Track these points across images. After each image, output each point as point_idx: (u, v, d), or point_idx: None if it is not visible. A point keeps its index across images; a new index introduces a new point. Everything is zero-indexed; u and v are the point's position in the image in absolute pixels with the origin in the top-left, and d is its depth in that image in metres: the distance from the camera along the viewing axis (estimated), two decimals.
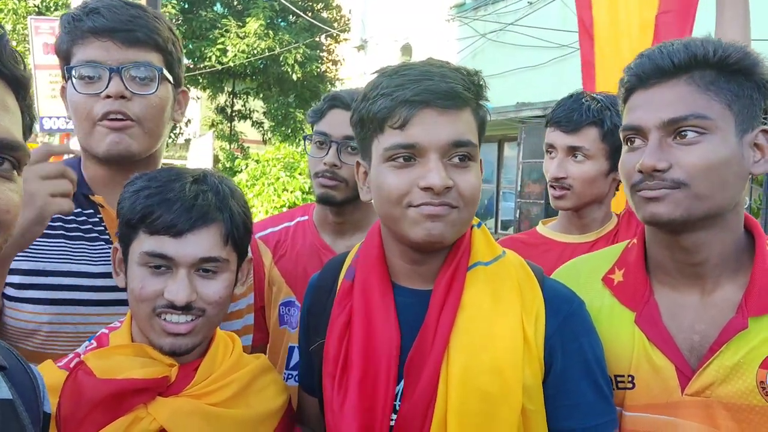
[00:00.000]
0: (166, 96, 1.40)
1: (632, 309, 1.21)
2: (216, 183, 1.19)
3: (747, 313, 1.10)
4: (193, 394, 1.12)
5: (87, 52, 1.32)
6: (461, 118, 1.07)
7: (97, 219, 1.41)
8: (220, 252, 1.15)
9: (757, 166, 1.12)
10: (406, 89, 1.05)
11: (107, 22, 1.31)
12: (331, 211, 1.78)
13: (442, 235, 1.07)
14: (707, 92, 1.08)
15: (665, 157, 1.08)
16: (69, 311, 1.32)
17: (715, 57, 1.08)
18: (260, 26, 13.55)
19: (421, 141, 1.05)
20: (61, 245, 1.36)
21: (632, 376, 1.17)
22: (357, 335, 1.13)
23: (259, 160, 11.63)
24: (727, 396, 1.09)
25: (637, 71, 1.14)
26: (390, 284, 1.16)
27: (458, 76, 1.08)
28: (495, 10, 10.03)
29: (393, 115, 1.06)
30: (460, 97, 1.06)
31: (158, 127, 1.40)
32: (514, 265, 1.16)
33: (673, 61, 1.09)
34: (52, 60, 8.12)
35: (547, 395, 1.09)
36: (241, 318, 1.61)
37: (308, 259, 1.79)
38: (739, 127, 1.09)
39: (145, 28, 1.35)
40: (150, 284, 1.12)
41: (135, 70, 1.33)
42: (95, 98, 1.32)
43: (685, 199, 1.08)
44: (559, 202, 1.82)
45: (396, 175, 1.07)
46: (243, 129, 16.86)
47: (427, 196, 1.05)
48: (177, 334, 1.11)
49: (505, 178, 11.12)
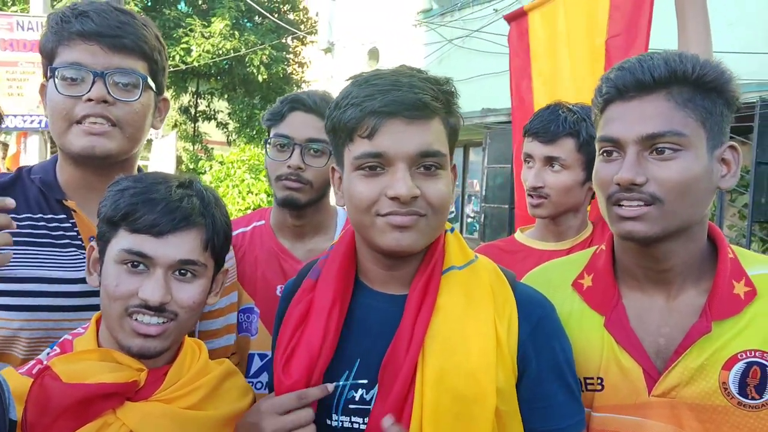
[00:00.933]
0: (148, 103, 1.40)
1: (601, 313, 1.23)
2: (201, 189, 1.20)
3: (710, 317, 1.14)
4: (163, 399, 1.11)
5: (72, 54, 1.32)
6: (430, 128, 1.08)
7: (69, 224, 1.38)
8: (199, 256, 1.15)
9: (725, 181, 1.15)
10: (374, 99, 1.06)
11: (96, 26, 1.31)
12: (291, 214, 1.77)
13: (411, 245, 1.08)
14: (684, 109, 1.10)
15: (642, 172, 1.11)
16: (40, 317, 1.30)
17: (694, 74, 1.10)
18: (226, 26, 13.39)
19: (388, 150, 1.06)
20: (30, 251, 1.34)
21: (601, 378, 1.20)
22: (311, 328, 1.13)
23: (224, 162, 11.51)
24: (691, 397, 1.13)
25: (616, 83, 1.14)
26: (350, 288, 1.17)
27: (427, 86, 1.08)
28: (461, 16, 10.14)
29: (362, 124, 1.07)
30: (427, 107, 1.07)
31: (138, 132, 1.39)
32: (487, 269, 1.18)
33: (653, 75, 1.10)
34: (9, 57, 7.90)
35: (522, 398, 1.11)
36: (223, 316, 1.60)
37: (267, 264, 1.77)
38: (710, 144, 1.12)
39: (133, 35, 1.35)
40: (125, 283, 1.11)
41: (119, 76, 1.33)
42: (76, 100, 1.31)
43: (660, 216, 1.11)
44: (536, 210, 1.85)
45: (365, 184, 1.08)
46: (207, 130, 16.62)
47: (395, 205, 1.06)
48: (147, 336, 1.10)
49: (470, 183, 11.24)
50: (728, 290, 1.15)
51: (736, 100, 1.15)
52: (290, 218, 1.78)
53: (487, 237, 9.29)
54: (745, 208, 6.78)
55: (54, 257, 1.34)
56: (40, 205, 1.39)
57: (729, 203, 7.05)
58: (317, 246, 1.77)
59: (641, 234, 1.12)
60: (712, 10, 1.87)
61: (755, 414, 1.11)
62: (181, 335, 1.19)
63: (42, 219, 1.37)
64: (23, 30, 7.93)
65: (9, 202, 1.11)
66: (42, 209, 1.38)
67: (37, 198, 1.39)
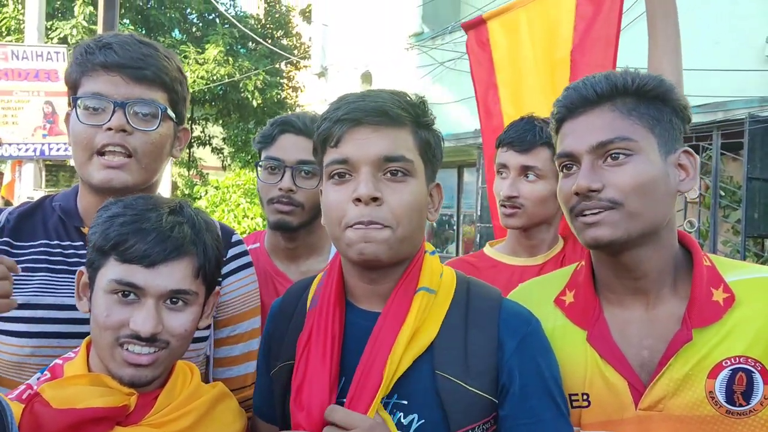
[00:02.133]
0: (166, 133, 1.42)
1: (583, 328, 1.24)
2: (192, 215, 1.19)
3: (691, 325, 1.15)
4: (153, 423, 1.11)
5: (95, 84, 1.35)
6: (395, 136, 1.12)
7: (85, 251, 1.37)
8: (191, 285, 1.14)
9: (684, 184, 1.20)
10: (339, 110, 1.12)
11: (118, 57, 1.34)
12: (284, 236, 1.77)
13: (376, 255, 1.09)
14: (630, 117, 1.17)
15: (598, 178, 1.15)
16: (51, 344, 1.31)
17: (634, 85, 1.18)
18: (219, 53, 13.52)
19: (352, 155, 1.10)
20: (45, 278, 1.35)
21: (587, 394, 1.20)
22: (312, 358, 1.14)
23: (219, 187, 11.51)
24: (678, 408, 1.13)
25: (565, 103, 1.22)
26: (342, 313, 1.18)
27: (393, 97, 1.13)
28: (452, 39, 10.24)
29: (330, 135, 1.12)
30: (389, 114, 1.10)
31: (155, 162, 1.41)
32: (448, 295, 1.18)
33: (596, 90, 1.18)
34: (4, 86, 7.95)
35: (506, 415, 1.11)
36: (243, 342, 1.57)
37: (262, 286, 1.75)
38: (662, 149, 1.17)
39: (154, 66, 1.37)
40: (115, 313, 1.10)
41: (139, 106, 1.35)
42: (97, 129, 1.34)
43: (621, 219, 1.14)
44: (509, 220, 1.82)
45: (335, 192, 1.12)
46: (202, 155, 16.66)
47: (358, 210, 1.08)
48: (138, 365, 1.09)
49: (465, 203, 11.26)
50: (707, 297, 1.16)
51: (683, 108, 1.21)
52: (283, 241, 1.78)
53: None
54: (738, 223, 6.81)
55: (67, 284, 1.35)
56: (59, 232, 1.42)
57: (722, 219, 7.08)
58: (311, 267, 1.77)
59: (606, 238, 1.15)
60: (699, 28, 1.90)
61: (744, 421, 1.11)
62: (173, 362, 1.18)
63: (59, 246, 1.40)
64: (18, 59, 7.99)
65: (14, 268, 1.15)
66: (60, 236, 1.41)
67: (56, 225, 1.42)
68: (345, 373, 1.13)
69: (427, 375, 1.10)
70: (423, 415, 1.09)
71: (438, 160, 1.21)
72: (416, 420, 1.09)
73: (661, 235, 1.19)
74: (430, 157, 1.18)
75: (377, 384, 1.07)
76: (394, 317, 1.12)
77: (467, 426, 1.09)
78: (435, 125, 1.20)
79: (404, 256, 1.15)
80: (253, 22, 16.06)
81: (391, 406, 1.10)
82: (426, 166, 1.17)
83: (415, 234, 1.14)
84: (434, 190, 1.21)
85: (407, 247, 1.14)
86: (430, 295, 1.14)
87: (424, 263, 1.18)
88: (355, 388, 1.09)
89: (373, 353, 1.10)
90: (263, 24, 16.40)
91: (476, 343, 1.12)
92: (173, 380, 1.18)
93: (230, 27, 14.38)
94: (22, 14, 10.87)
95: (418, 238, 1.17)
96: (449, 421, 1.08)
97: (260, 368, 1.34)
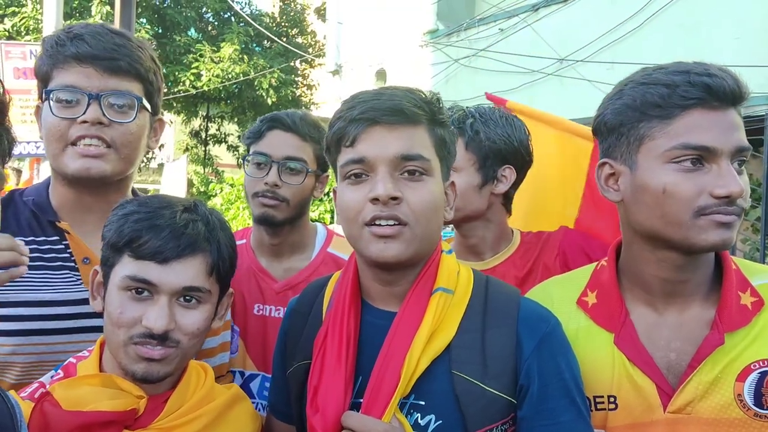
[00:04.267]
0: (143, 124, 1.40)
1: (609, 330, 1.21)
2: (206, 213, 1.19)
3: (723, 329, 1.13)
4: (162, 427, 1.10)
5: (67, 76, 1.32)
6: (412, 134, 1.10)
7: (62, 246, 1.37)
8: (204, 282, 1.14)
9: None
10: (354, 110, 1.10)
11: (90, 49, 1.31)
12: (268, 231, 1.77)
13: (396, 255, 1.08)
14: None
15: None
16: (32, 341, 1.29)
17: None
18: (234, 51, 13.57)
19: (368, 155, 1.08)
20: (24, 276, 1.31)
21: (614, 397, 1.18)
22: (328, 359, 1.13)
23: (234, 184, 11.56)
24: (707, 411, 1.11)
25: (699, 93, 1.10)
26: (358, 313, 1.16)
27: (408, 96, 1.11)
28: (467, 36, 10.19)
29: (345, 134, 1.11)
30: (404, 113, 1.09)
31: (133, 153, 1.39)
32: (466, 293, 1.16)
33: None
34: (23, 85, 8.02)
35: (525, 416, 1.09)
36: (218, 335, 1.59)
37: (245, 283, 1.77)
38: None
39: (128, 57, 1.35)
40: (129, 310, 1.10)
41: (114, 97, 1.33)
42: (71, 122, 1.31)
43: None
44: None
45: (351, 192, 1.11)
46: (218, 153, 16.78)
47: (377, 209, 1.07)
48: (151, 360, 1.09)
49: None
50: (736, 301, 1.14)
51: None
52: (267, 236, 1.78)
53: None
54: (758, 221, 6.70)
55: (46, 280, 1.33)
56: (32, 227, 1.37)
57: None
58: (294, 265, 1.78)
59: (729, 243, 1.09)
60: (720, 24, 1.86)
61: None
62: (185, 360, 1.17)
63: (34, 242, 1.36)
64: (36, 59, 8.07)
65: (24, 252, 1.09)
66: (34, 231, 1.37)
67: (29, 220, 1.38)
68: (361, 372, 1.12)
69: (444, 375, 1.09)
70: (440, 416, 1.08)
71: (453, 157, 1.19)
72: (434, 421, 1.08)
73: None
74: (446, 155, 1.16)
75: (394, 385, 1.06)
76: (410, 317, 1.10)
77: (485, 427, 1.07)
78: (449, 122, 1.18)
79: (422, 256, 1.13)
80: (268, 20, 16.11)
81: (408, 406, 1.09)
82: (442, 164, 1.15)
83: (433, 233, 1.13)
84: (449, 188, 1.19)
85: (425, 247, 1.12)
86: (448, 296, 1.12)
87: (441, 263, 1.16)
88: (371, 389, 1.07)
89: (390, 354, 1.08)
90: (278, 22, 16.45)
91: (494, 343, 1.11)
92: (185, 381, 1.17)
93: (245, 25, 14.43)
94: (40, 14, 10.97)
95: (435, 238, 1.15)
96: (467, 422, 1.07)
97: (275, 366, 1.33)
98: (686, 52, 1.87)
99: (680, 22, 7.25)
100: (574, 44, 8.26)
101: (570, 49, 8.36)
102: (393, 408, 1.05)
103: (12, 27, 12.61)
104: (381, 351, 1.09)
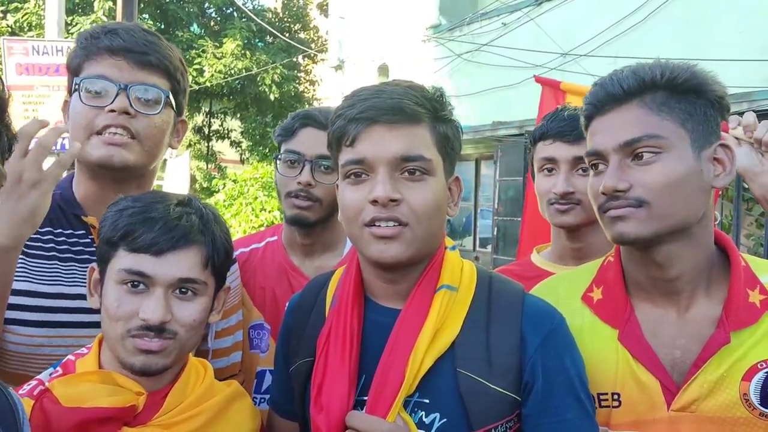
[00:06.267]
0: (168, 120, 1.42)
1: (613, 326, 1.21)
2: (200, 207, 1.20)
3: (729, 328, 1.12)
4: (161, 424, 1.10)
5: (98, 67, 1.35)
6: (413, 133, 1.08)
7: (88, 240, 1.40)
8: (199, 274, 1.14)
9: (719, 180, 1.15)
10: (354, 108, 1.08)
11: (123, 42, 1.35)
12: (300, 232, 1.75)
13: (396, 256, 1.07)
14: (659, 113, 1.12)
15: (625, 178, 1.12)
16: (61, 333, 1.31)
17: (663, 79, 1.12)
18: (237, 47, 13.56)
19: (368, 156, 1.07)
20: (53, 266, 1.35)
21: (618, 394, 1.17)
22: (331, 357, 1.12)
23: (237, 180, 11.58)
24: (712, 410, 1.10)
25: (592, 100, 1.19)
26: (361, 310, 1.15)
27: (409, 93, 1.09)
28: (470, 30, 10.16)
29: (345, 133, 1.09)
30: (405, 111, 1.07)
31: (157, 146, 1.41)
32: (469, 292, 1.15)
33: (623, 87, 1.14)
34: (25, 81, 8.03)
35: (530, 413, 1.08)
36: (232, 335, 1.61)
37: (276, 280, 1.77)
38: (695, 143, 1.12)
39: (158, 53, 1.38)
40: (125, 303, 1.10)
41: (142, 90, 1.36)
42: (98, 111, 1.33)
43: (649, 218, 1.11)
44: (565, 217, 1.64)
45: (351, 191, 1.10)
46: (221, 148, 16.79)
47: (376, 210, 1.06)
48: (149, 352, 1.09)
49: (483, 196, 11.20)
50: (744, 299, 1.13)
51: (720, 99, 1.15)
52: (299, 236, 1.77)
53: (500, 250, 9.24)
54: (762, 216, 6.68)
55: (74, 273, 1.35)
56: (60, 220, 1.39)
57: (746, 212, 6.94)
58: (325, 263, 1.76)
59: (632, 235, 1.12)
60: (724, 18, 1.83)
61: None
62: (183, 354, 1.17)
63: (62, 234, 1.39)
64: (39, 54, 8.05)
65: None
66: (62, 225, 1.39)
67: (57, 213, 1.39)
68: (365, 370, 1.11)
69: (448, 373, 1.08)
70: (444, 414, 1.07)
71: (456, 152, 1.17)
72: (438, 419, 1.07)
73: (693, 231, 1.15)
74: (449, 151, 1.14)
75: (398, 383, 1.05)
76: (414, 316, 1.09)
77: (490, 425, 1.07)
78: (453, 117, 1.16)
79: (424, 256, 1.12)
80: (270, 15, 16.08)
81: (412, 404, 1.08)
82: (444, 161, 1.13)
83: (435, 232, 1.12)
84: (453, 184, 1.17)
85: (427, 246, 1.11)
86: (452, 293, 1.11)
87: (445, 260, 1.15)
88: (375, 388, 1.07)
89: (394, 353, 1.07)
90: (280, 18, 16.42)
91: (499, 340, 1.10)
92: (185, 378, 1.17)
93: (248, 21, 14.40)
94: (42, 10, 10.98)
95: (438, 236, 1.14)
96: (471, 420, 1.06)
97: (278, 363, 1.32)
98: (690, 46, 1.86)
99: (684, 15, 7.22)
100: (577, 39, 8.24)
101: (573, 44, 8.34)
102: (397, 407, 1.05)
103: (14, 23, 12.60)
104: (385, 350, 1.08)
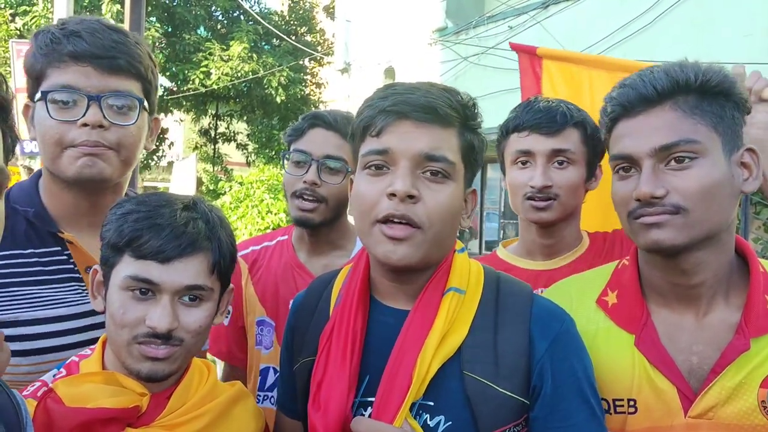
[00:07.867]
0: (143, 126, 1.35)
1: (630, 331, 1.19)
2: (206, 211, 1.18)
3: (749, 334, 1.10)
4: (165, 425, 1.09)
5: (64, 76, 1.24)
6: (440, 135, 1.06)
7: (64, 256, 1.31)
8: (206, 281, 1.13)
9: (747, 185, 1.13)
10: (386, 100, 1.07)
11: (88, 46, 1.24)
12: (307, 231, 1.76)
13: (404, 259, 1.05)
14: (693, 116, 1.09)
15: (661, 184, 1.08)
16: (48, 359, 1.25)
17: (697, 81, 1.09)
18: (244, 49, 13.60)
19: (392, 148, 1.05)
20: (27, 292, 1.26)
21: (633, 400, 1.15)
22: (332, 355, 1.11)
23: (243, 182, 11.58)
24: (729, 417, 1.08)
25: (620, 101, 1.14)
26: (366, 309, 1.14)
27: (444, 95, 1.08)
28: (476, 33, 10.15)
29: (373, 123, 1.07)
30: (437, 112, 1.05)
31: (132, 155, 1.34)
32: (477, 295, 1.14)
33: (657, 88, 1.10)
34: None
35: (537, 417, 1.06)
36: None
37: (282, 278, 1.77)
38: (725, 148, 1.10)
39: (127, 54, 1.28)
40: (132, 310, 1.09)
41: (115, 98, 1.27)
42: (70, 125, 1.24)
43: (685, 225, 1.08)
44: (543, 213, 1.58)
45: (370, 183, 1.07)
46: (227, 151, 16.84)
47: (392, 205, 1.03)
48: (155, 359, 1.08)
49: (489, 199, 11.18)
50: (763, 305, 1.11)
51: (745, 102, 1.13)
52: (306, 235, 1.78)
53: None
54: None
55: (54, 295, 1.28)
56: (30, 238, 1.29)
57: (754, 216, 6.89)
58: (333, 261, 1.76)
59: (668, 242, 1.08)
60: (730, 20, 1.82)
61: None
62: (189, 358, 1.16)
63: (33, 254, 1.28)
64: None
65: None
66: (32, 243, 1.29)
67: (26, 231, 1.29)
68: (369, 371, 1.10)
69: (455, 376, 1.06)
70: (450, 417, 1.05)
71: (479, 165, 1.15)
72: (443, 422, 1.05)
73: (721, 238, 1.12)
74: (472, 161, 1.12)
75: (405, 387, 1.03)
76: (422, 318, 1.08)
77: (497, 428, 1.05)
78: (481, 128, 1.14)
79: (433, 261, 1.10)
80: (277, 18, 16.13)
81: (417, 407, 1.06)
82: (466, 169, 1.11)
83: (446, 239, 1.09)
84: (470, 196, 1.15)
85: (437, 252, 1.09)
86: (460, 296, 1.10)
87: (454, 262, 1.13)
88: (382, 392, 1.05)
89: (401, 356, 1.06)
90: (287, 21, 16.46)
91: (507, 343, 1.08)
92: (188, 379, 1.16)
93: (254, 24, 14.46)
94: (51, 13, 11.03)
95: (448, 244, 1.12)
96: (478, 424, 1.04)
97: (283, 362, 1.31)
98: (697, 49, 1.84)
99: (691, 19, 7.19)
100: (583, 42, 8.21)
101: (579, 47, 8.30)
102: (404, 412, 1.03)
103: (23, 26, 12.68)
104: (392, 353, 1.07)
